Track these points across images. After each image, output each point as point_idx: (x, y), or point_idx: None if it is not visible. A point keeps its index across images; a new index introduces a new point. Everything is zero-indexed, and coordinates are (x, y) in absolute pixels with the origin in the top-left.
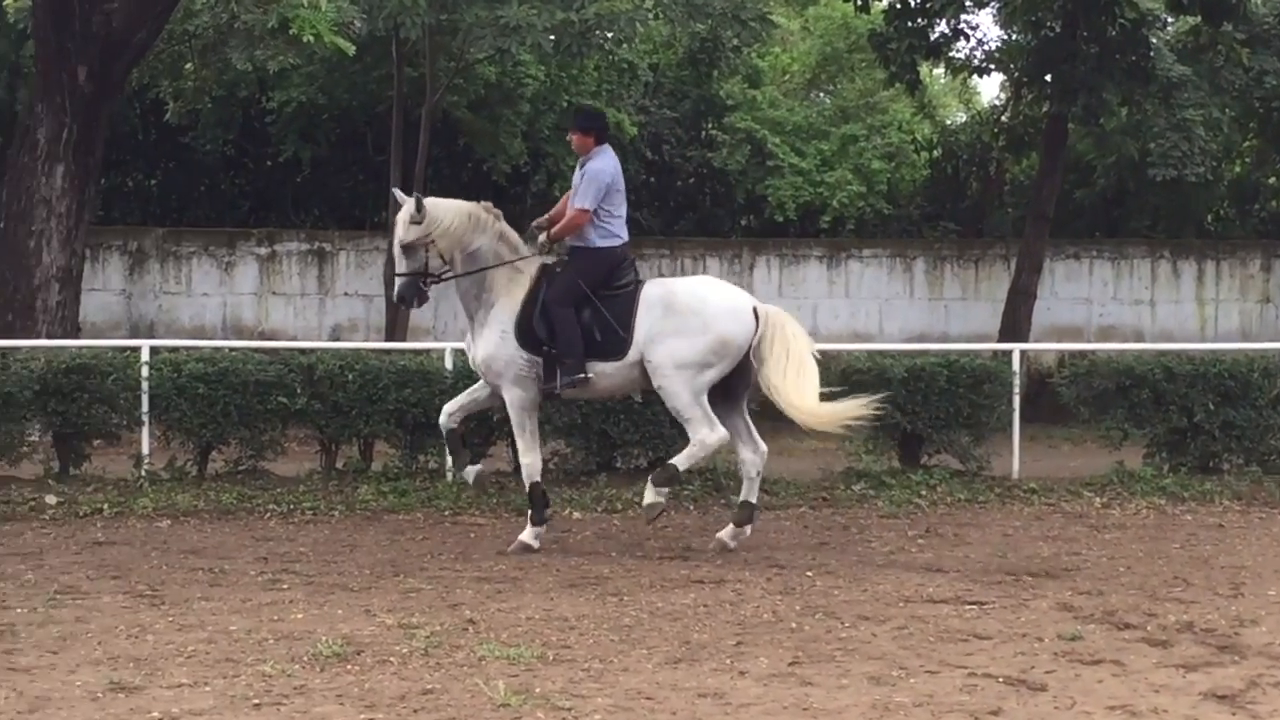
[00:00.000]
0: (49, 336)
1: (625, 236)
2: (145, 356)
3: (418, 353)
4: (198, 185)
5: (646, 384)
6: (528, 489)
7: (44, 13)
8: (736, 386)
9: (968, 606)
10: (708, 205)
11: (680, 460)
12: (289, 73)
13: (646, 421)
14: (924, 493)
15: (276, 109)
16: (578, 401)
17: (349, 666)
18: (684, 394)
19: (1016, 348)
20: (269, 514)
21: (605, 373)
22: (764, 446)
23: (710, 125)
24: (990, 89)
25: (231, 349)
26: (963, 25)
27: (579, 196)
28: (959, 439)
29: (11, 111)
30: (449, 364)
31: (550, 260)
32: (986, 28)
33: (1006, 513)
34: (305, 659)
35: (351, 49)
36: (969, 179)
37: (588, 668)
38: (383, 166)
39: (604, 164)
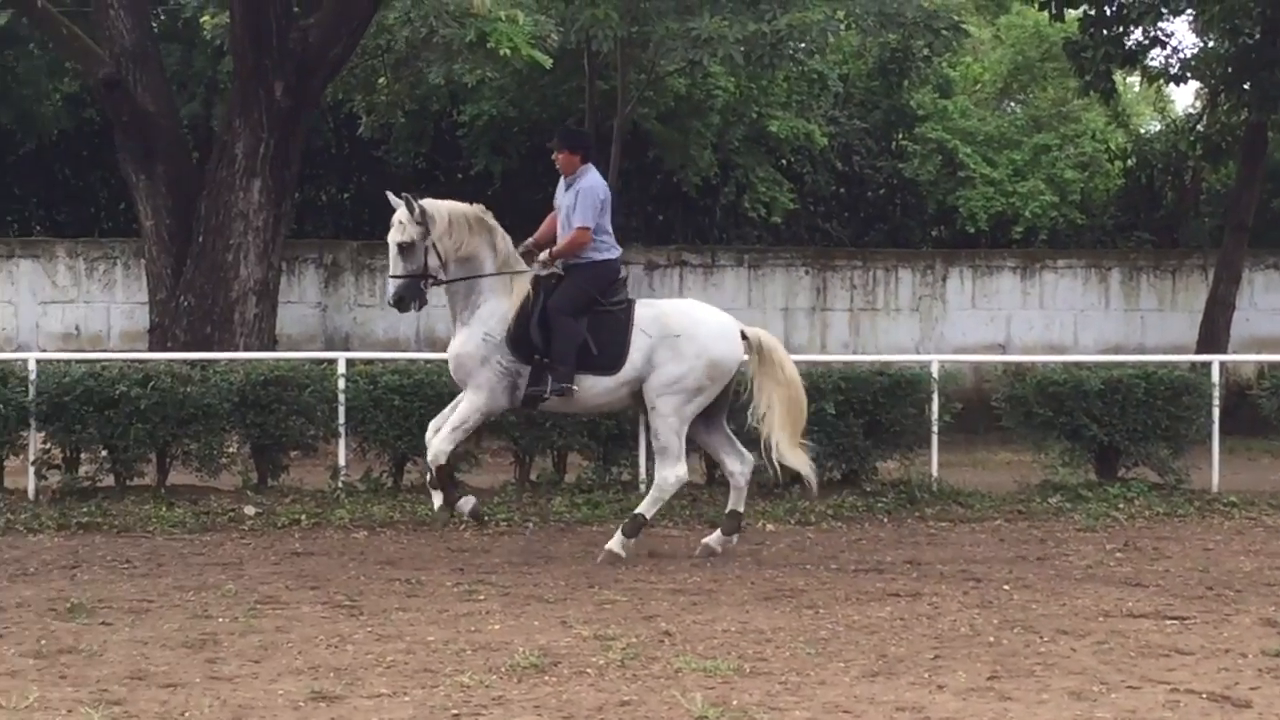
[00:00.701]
0: (246, 349)
1: (619, 249)
2: (341, 369)
3: None
4: (381, 197)
5: (627, 405)
6: (433, 470)
7: (242, 30)
8: (716, 407)
9: (1169, 621)
10: (898, 216)
11: (646, 508)
12: (480, 86)
13: (840, 434)
14: (1121, 506)
15: (468, 122)
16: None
17: (546, 677)
18: (672, 421)
19: (1216, 359)
20: (464, 525)
21: (593, 389)
22: (749, 456)
23: (901, 135)
24: (1184, 97)
25: (426, 361)
26: (1158, 33)
27: (578, 215)
28: (1157, 451)
29: (208, 127)
30: None
31: (544, 273)
32: (1182, 35)
33: (1206, 526)
34: (503, 670)
35: (548, 62)
36: (1164, 188)
37: (785, 680)
38: None
39: (595, 181)
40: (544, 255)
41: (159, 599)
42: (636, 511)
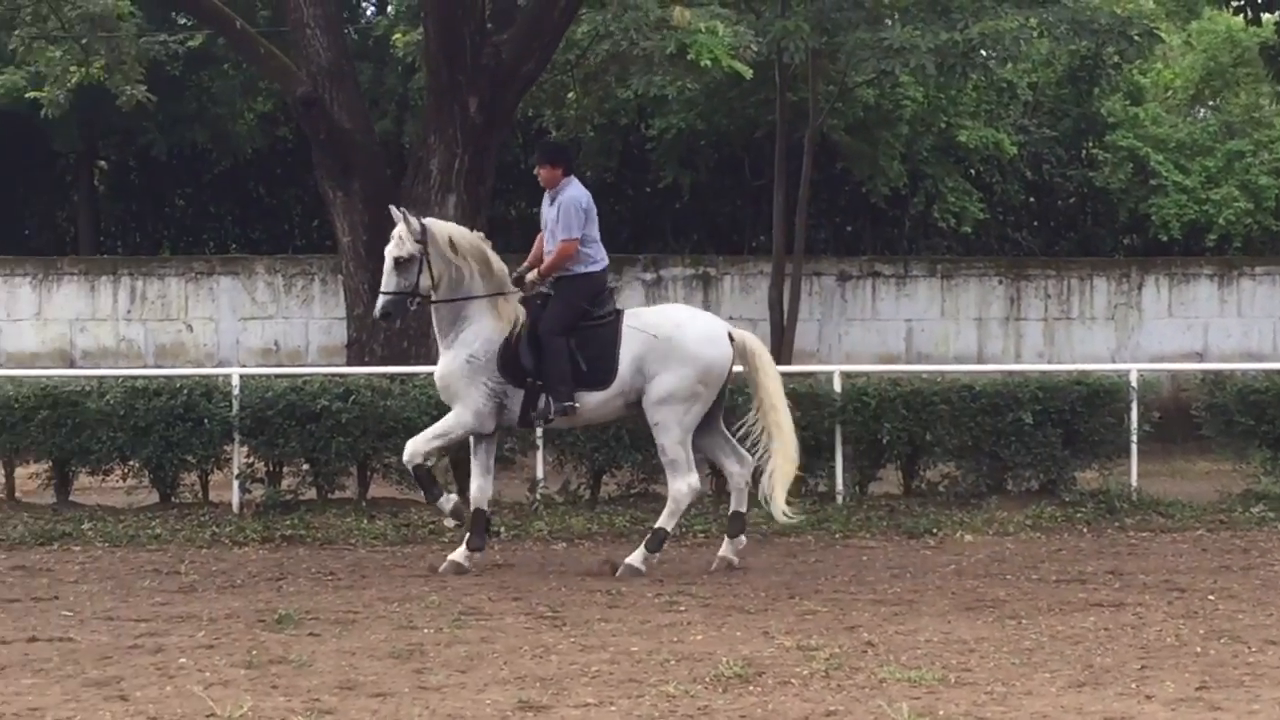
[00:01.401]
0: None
1: (605, 260)
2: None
3: (805, 376)
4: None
5: (628, 414)
6: (411, 468)
7: (436, 47)
8: (713, 407)
9: None
10: (1089, 225)
11: (665, 521)
12: (668, 100)
13: (1038, 444)
14: None
15: (656, 136)
16: (967, 424)
17: (751, 688)
18: (675, 430)
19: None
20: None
21: (590, 404)
22: (749, 458)
23: (1091, 144)
24: None
25: None
26: None
27: (562, 228)
28: None
29: (399, 144)
30: (837, 387)
31: (534, 294)
32: None
33: None
34: (707, 680)
35: (749, 72)
36: None
37: (990, 691)
38: (760, 191)
39: (577, 192)
40: (532, 275)
41: (364, 610)
42: (656, 526)
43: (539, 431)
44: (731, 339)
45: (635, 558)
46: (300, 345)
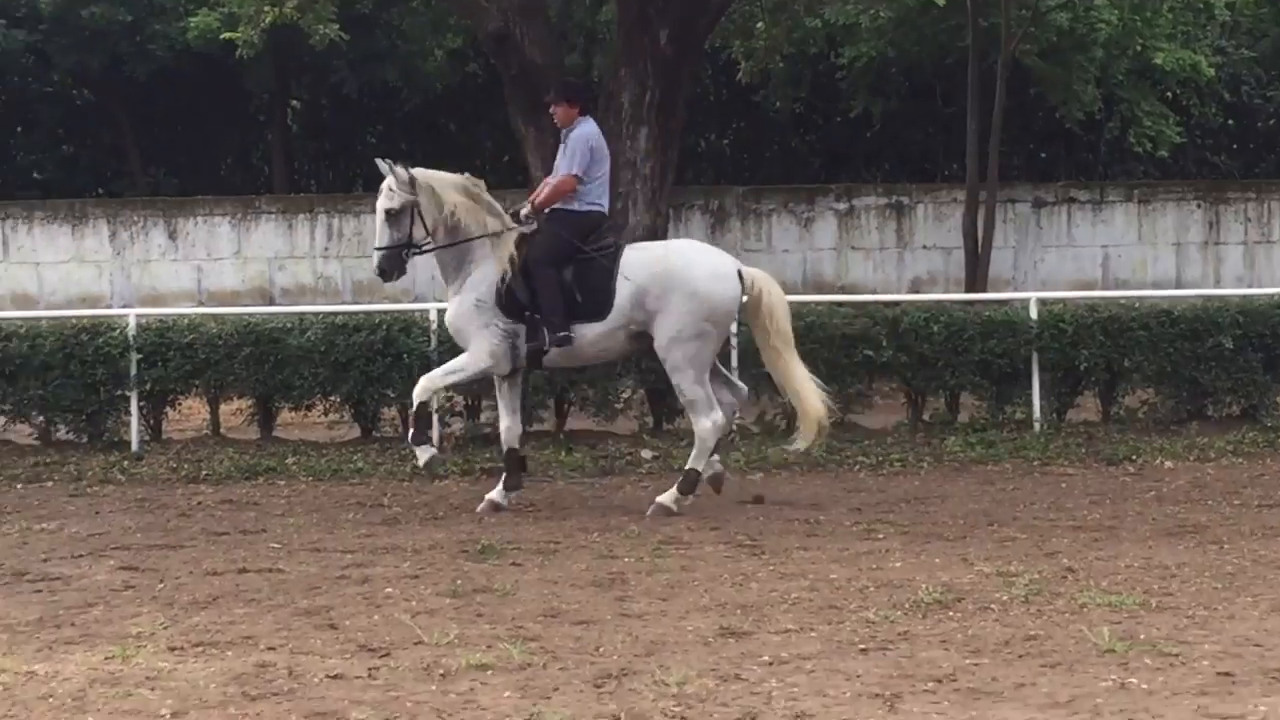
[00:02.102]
0: None
1: (605, 205)
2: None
3: (1001, 303)
4: (769, 144)
5: (634, 348)
6: (415, 404)
7: None
8: None
9: None
10: None
11: (694, 462)
12: (858, 28)
13: (1238, 369)
14: None
15: (846, 64)
16: (1166, 350)
17: (950, 613)
18: (689, 371)
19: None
20: (858, 466)
21: (588, 337)
22: (743, 388)
23: None
24: None
25: (816, 304)
26: None
27: (565, 162)
28: None
29: (587, 77)
30: (1034, 314)
31: (529, 229)
32: None
33: None
34: (906, 606)
35: None
36: None
37: (1192, 615)
38: (952, 119)
39: (588, 130)
40: (525, 208)
41: (565, 540)
42: (687, 467)
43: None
44: (741, 277)
45: (667, 497)
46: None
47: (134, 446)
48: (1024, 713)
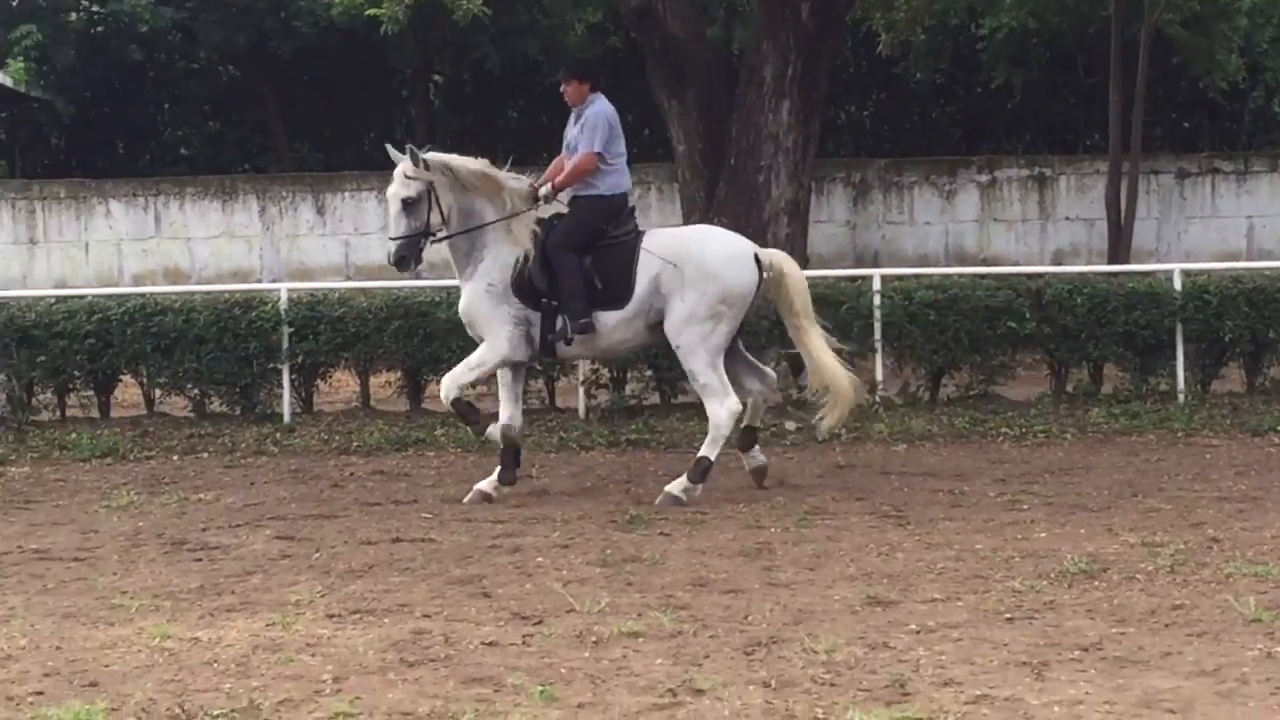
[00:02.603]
0: None
1: (628, 184)
2: (876, 285)
3: (1145, 275)
4: (910, 115)
5: (653, 339)
6: (449, 402)
7: None
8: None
9: None
10: None
11: (708, 449)
12: None
13: None
14: None
15: (987, 35)
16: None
17: (1096, 583)
18: (702, 355)
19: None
20: (1002, 437)
21: (608, 324)
22: (772, 375)
23: None
24: None
25: (960, 275)
26: None
27: (584, 141)
28: None
29: (728, 51)
30: (1178, 285)
31: (546, 214)
32: None
33: None
34: (1052, 576)
35: None
36: None
37: None
38: (1094, 89)
39: (603, 108)
40: (546, 187)
41: (712, 511)
42: (700, 455)
43: (877, 334)
44: (758, 260)
45: (676, 486)
46: None
47: (286, 418)
48: (1170, 681)
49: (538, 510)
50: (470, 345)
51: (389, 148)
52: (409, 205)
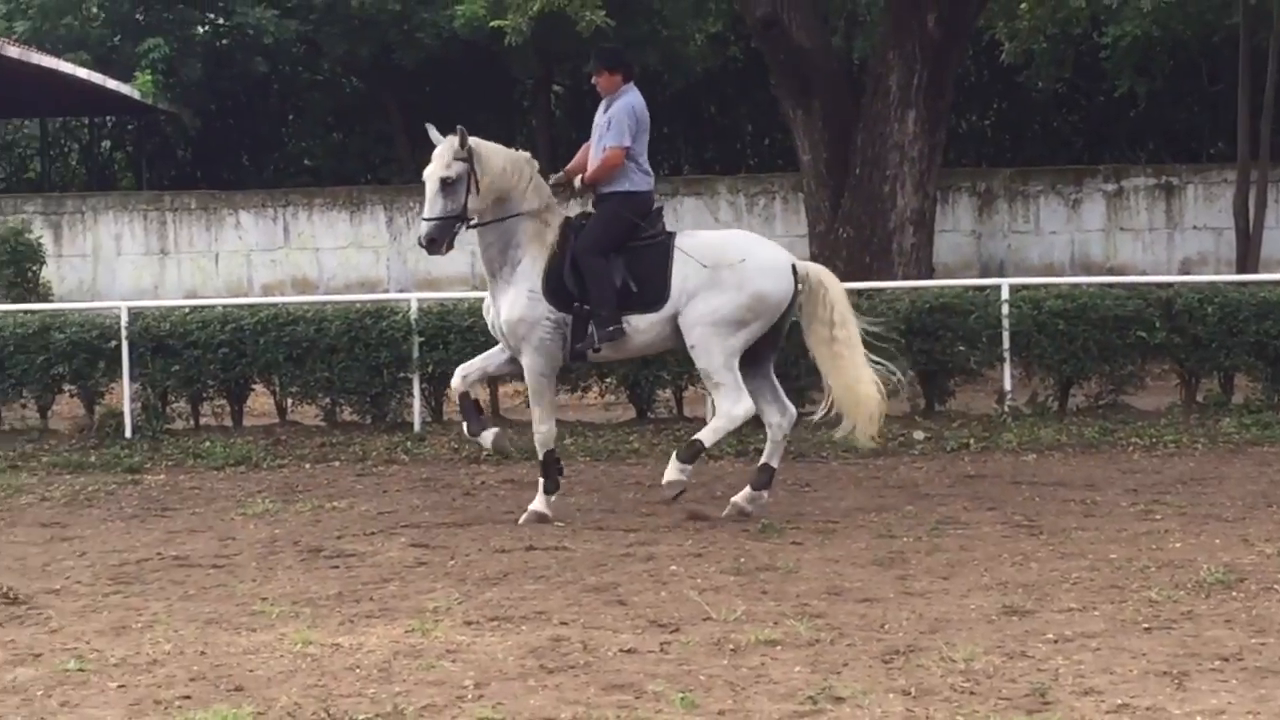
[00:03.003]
0: (904, 278)
1: (651, 182)
2: (1005, 295)
3: (1277, 284)
4: (1031, 124)
5: (678, 342)
6: (541, 457)
7: None
8: (764, 348)
9: None
10: None
11: (706, 435)
12: (1123, 7)
13: None
14: None
15: (1110, 44)
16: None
17: (1234, 593)
18: (717, 355)
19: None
20: (1132, 447)
21: (640, 328)
22: (792, 409)
23: None
24: None
25: (1089, 285)
26: None
27: (612, 134)
28: None
29: (848, 60)
30: None
31: (574, 214)
32: None
33: None
34: (1189, 586)
35: None
36: None
37: None
38: (1219, 97)
39: (633, 100)
40: (576, 181)
41: (843, 520)
42: (696, 438)
43: (1005, 343)
44: (795, 272)
45: (671, 470)
46: None
47: (416, 427)
48: None
49: (669, 518)
50: None
51: (429, 127)
52: (447, 186)
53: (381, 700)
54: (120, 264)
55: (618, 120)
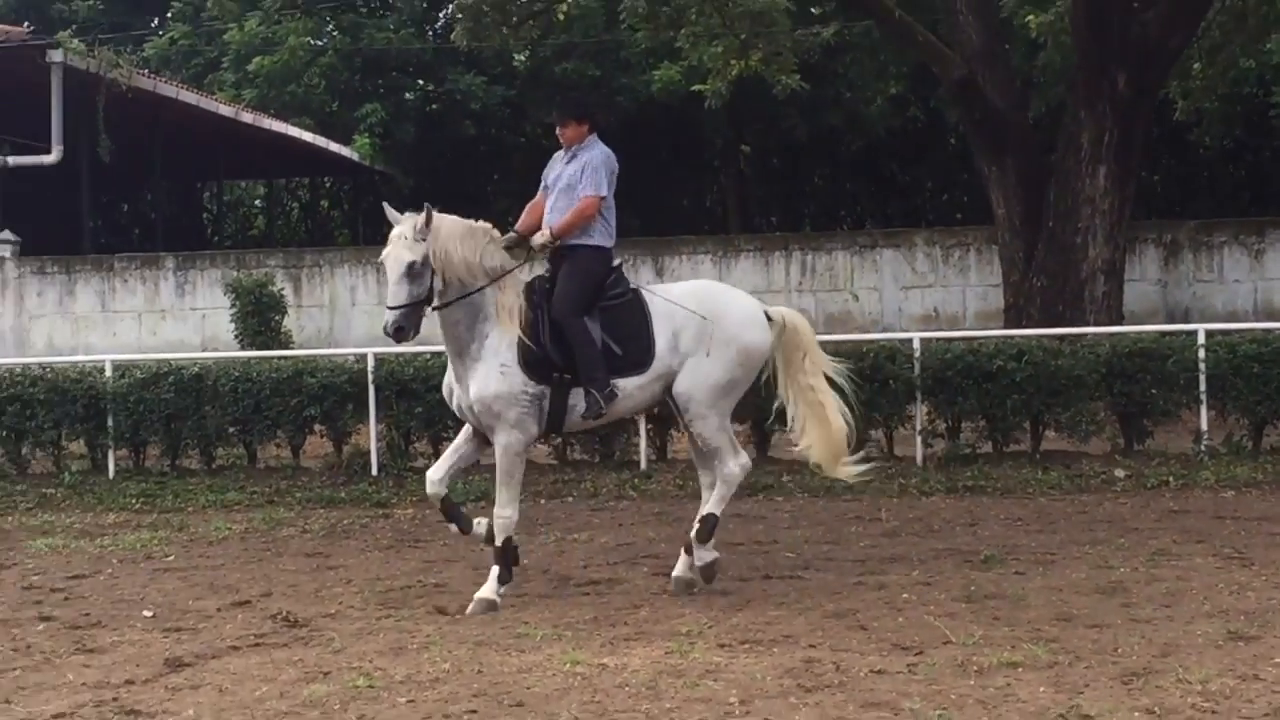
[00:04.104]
0: (1096, 324)
1: (614, 238)
2: (1201, 339)
3: None
4: (1198, 178)
5: (660, 400)
6: (499, 543)
7: (1085, 26)
8: None
9: None
10: None
11: (713, 507)
12: None
13: None
14: None
15: (1278, 103)
16: None
17: None
18: (713, 421)
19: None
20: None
21: (628, 390)
22: (745, 457)
23: None
24: None
25: (1268, 331)
26: None
27: (588, 184)
28: None
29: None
30: None
31: (532, 278)
32: None
33: None
34: None
35: None
36: None
37: None
38: None
39: (606, 151)
40: (542, 236)
41: (1059, 551)
42: (706, 513)
43: (1202, 385)
44: (769, 319)
45: (702, 554)
46: (957, 311)
47: (642, 465)
48: None
49: (892, 550)
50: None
51: (386, 206)
52: (413, 270)
53: (655, 716)
54: (355, 313)
55: (594, 169)
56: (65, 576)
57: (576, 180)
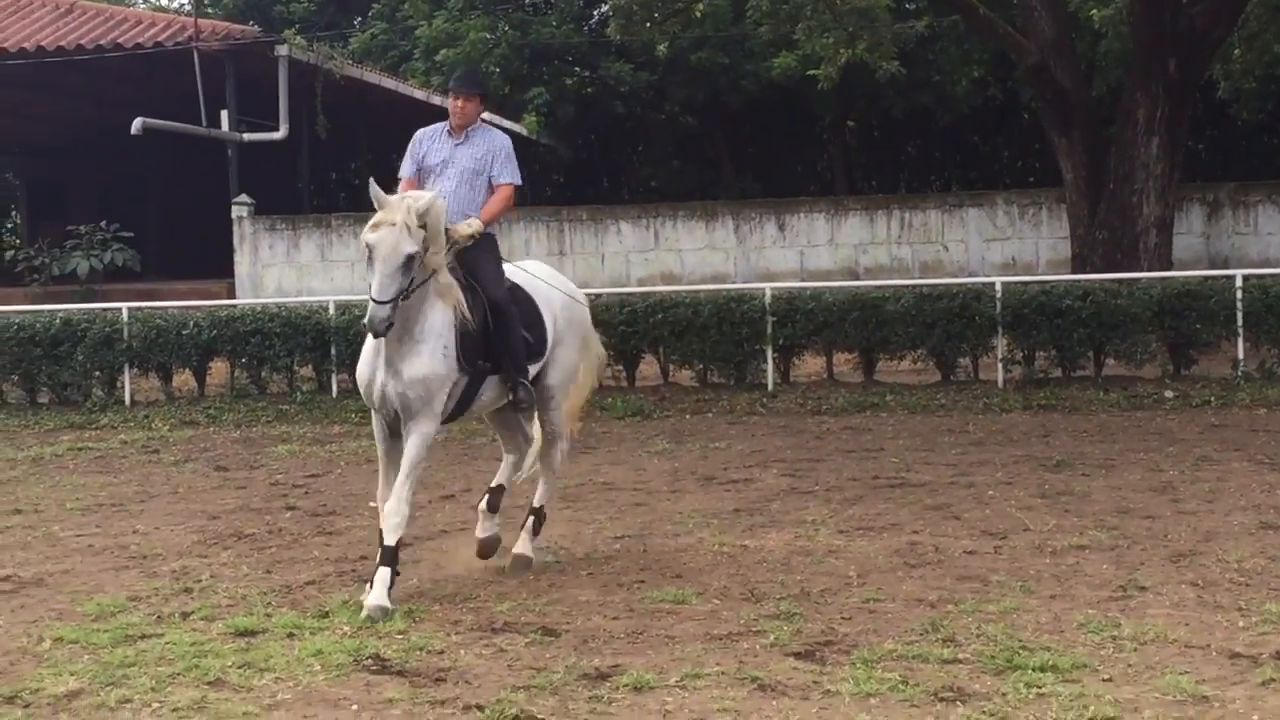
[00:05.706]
0: (1148, 270)
1: None
2: (1238, 283)
3: None
4: (1237, 146)
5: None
6: (392, 543)
7: (1142, 19)
8: None
9: None
10: None
11: (542, 499)
12: None
13: None
14: None
15: None
16: None
17: None
18: (564, 404)
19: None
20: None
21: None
22: (535, 437)
23: None
24: None
25: None
26: None
27: (509, 172)
28: None
29: (1087, 96)
30: None
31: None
32: None
33: None
34: None
35: None
36: None
37: None
38: None
39: (506, 138)
40: (473, 225)
41: (1118, 458)
42: (537, 506)
43: (1239, 321)
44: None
45: (521, 544)
46: (1031, 260)
47: (769, 387)
48: None
49: (978, 456)
50: (921, 332)
51: (372, 183)
52: (410, 263)
53: (790, 585)
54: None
55: (508, 156)
56: (303, 475)
57: (485, 166)
